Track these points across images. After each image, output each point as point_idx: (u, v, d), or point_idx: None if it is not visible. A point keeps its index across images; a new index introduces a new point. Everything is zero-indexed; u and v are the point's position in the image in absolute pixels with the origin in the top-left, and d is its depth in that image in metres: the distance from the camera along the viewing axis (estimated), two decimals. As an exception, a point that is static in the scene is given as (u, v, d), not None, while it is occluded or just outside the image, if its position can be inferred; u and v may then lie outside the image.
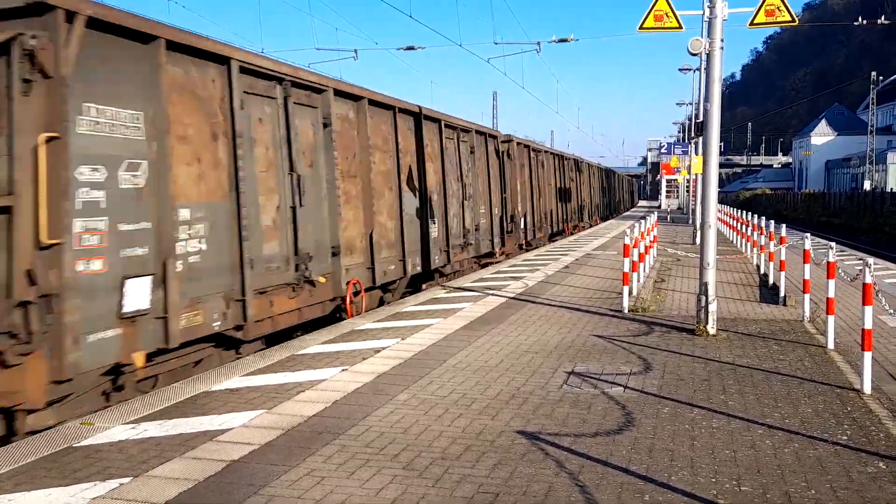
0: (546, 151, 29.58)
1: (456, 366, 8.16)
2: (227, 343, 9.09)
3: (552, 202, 29.66)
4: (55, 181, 6.36)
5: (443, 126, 16.45)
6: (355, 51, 28.17)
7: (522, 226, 23.69)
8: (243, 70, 9.15)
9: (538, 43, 28.08)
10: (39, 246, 6.30)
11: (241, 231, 8.82)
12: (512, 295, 13.46)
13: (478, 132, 19.26)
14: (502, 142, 21.93)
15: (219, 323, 8.42)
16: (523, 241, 24.11)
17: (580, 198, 38.58)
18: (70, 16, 6.51)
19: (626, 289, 11.87)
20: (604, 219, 48.98)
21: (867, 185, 66.57)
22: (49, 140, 6.33)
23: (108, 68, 7.06)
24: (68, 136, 6.49)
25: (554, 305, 12.29)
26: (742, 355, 8.69)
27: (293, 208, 10.17)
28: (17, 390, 6.28)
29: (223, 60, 8.80)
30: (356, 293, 11.87)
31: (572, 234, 33.39)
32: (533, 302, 12.66)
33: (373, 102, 12.92)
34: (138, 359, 7.29)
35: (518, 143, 23.65)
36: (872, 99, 71.74)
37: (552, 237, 29.29)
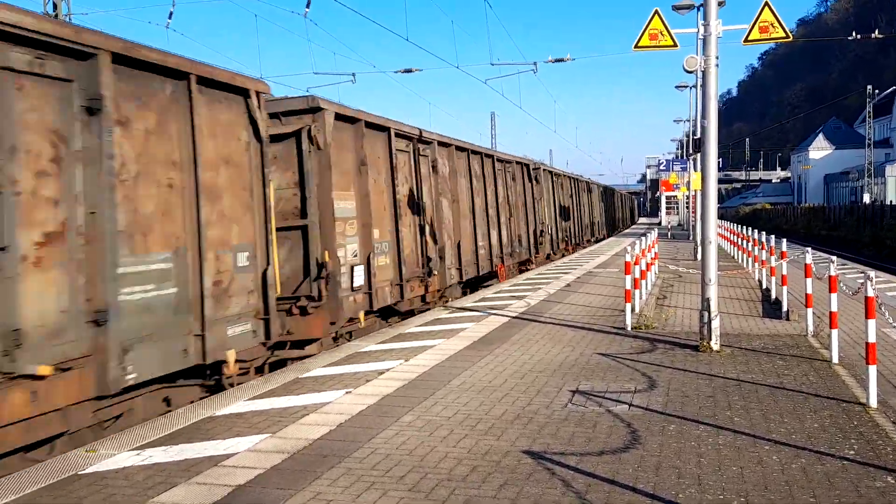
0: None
1: (460, 386, 8.15)
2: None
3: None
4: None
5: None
6: (353, 74, 28.36)
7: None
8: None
9: (535, 63, 28.31)
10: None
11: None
12: (514, 314, 13.45)
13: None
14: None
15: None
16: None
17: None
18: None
19: (628, 306, 11.87)
20: (606, 236, 49.09)
21: (867, 199, 66.65)
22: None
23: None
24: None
25: (557, 324, 12.29)
26: (746, 371, 8.68)
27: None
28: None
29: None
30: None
31: (583, 248, 34.27)
32: (536, 321, 12.65)
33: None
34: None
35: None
36: (869, 112, 72.02)
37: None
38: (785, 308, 12.76)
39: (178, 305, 7.74)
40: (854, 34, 30.43)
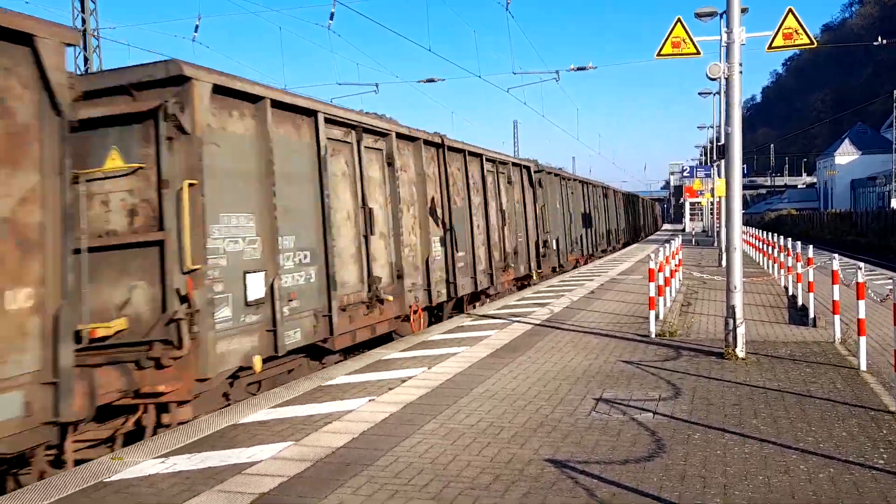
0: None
1: (483, 394, 8.13)
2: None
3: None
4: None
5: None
6: (376, 85, 28.53)
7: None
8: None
9: (557, 72, 28.26)
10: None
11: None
12: (538, 321, 13.40)
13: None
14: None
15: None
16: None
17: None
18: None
19: (652, 313, 11.78)
20: (628, 243, 48.82)
21: (894, 204, 65.79)
22: None
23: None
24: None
25: (580, 331, 12.23)
26: (773, 378, 8.58)
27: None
28: None
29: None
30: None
31: (599, 258, 33.50)
32: (559, 328, 12.60)
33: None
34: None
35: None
36: (895, 117, 71.13)
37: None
38: (812, 315, 12.61)
39: None
40: (880, 39, 30.09)
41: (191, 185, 7.69)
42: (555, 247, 24.91)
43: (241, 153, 8.72)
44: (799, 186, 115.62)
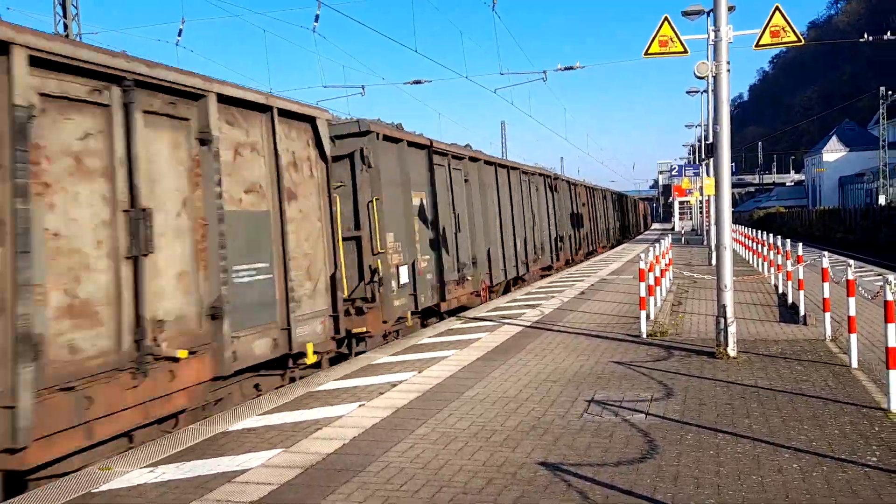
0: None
1: (474, 397, 8.08)
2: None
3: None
4: None
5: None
6: (363, 87, 28.52)
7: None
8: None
9: (544, 72, 28.26)
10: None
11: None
12: (528, 323, 13.37)
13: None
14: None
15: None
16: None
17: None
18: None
19: (643, 313, 11.77)
20: (618, 243, 48.94)
21: (882, 200, 66.13)
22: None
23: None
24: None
25: (571, 332, 12.20)
26: (764, 377, 8.57)
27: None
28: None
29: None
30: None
31: (592, 257, 34.31)
32: (550, 329, 12.57)
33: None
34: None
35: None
36: (882, 114, 71.52)
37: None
38: (802, 312, 12.62)
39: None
40: (866, 36, 30.21)
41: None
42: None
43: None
44: (787, 184, 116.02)
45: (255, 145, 9.03)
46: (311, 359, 9.62)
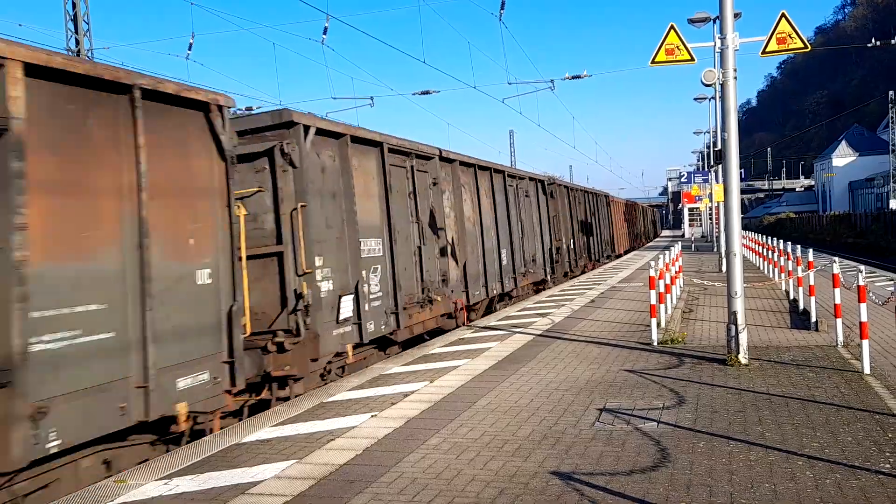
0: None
1: (486, 407, 8.10)
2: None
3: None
4: None
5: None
6: (371, 98, 28.60)
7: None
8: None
9: (552, 81, 28.37)
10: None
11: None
12: (539, 332, 13.38)
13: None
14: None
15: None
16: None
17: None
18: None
19: (653, 321, 11.76)
20: (628, 251, 48.85)
21: (893, 205, 65.84)
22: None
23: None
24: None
25: (582, 341, 12.20)
26: (776, 384, 8.55)
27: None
28: None
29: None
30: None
31: (603, 265, 33.83)
32: (561, 338, 12.57)
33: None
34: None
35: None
36: (891, 118, 71.31)
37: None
38: (814, 319, 12.59)
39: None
40: (873, 41, 30.17)
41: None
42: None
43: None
44: (797, 189, 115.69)
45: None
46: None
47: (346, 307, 10.76)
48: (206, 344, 7.78)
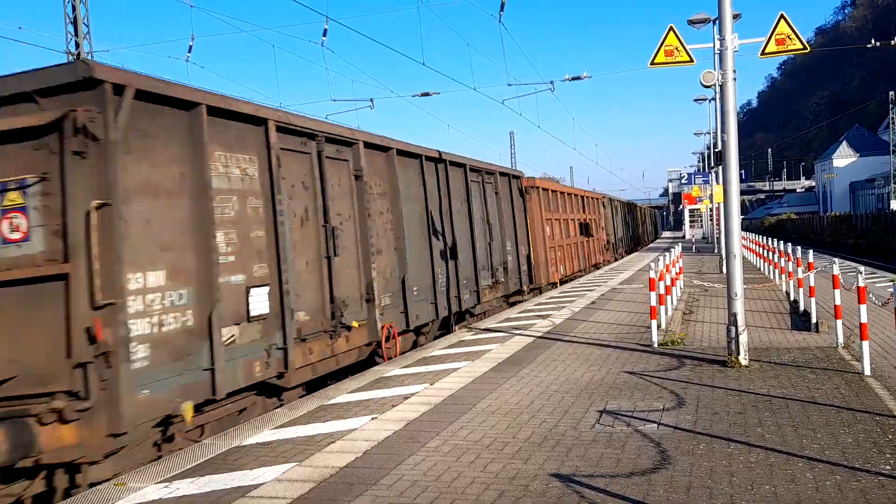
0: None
1: (486, 409, 8.10)
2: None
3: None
4: None
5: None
6: (371, 100, 28.59)
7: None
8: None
9: (551, 82, 28.40)
10: None
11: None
12: (539, 334, 13.37)
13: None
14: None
15: None
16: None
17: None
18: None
19: (653, 322, 11.76)
20: (628, 252, 48.79)
21: (894, 205, 65.81)
22: None
23: None
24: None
25: (582, 343, 12.20)
26: (776, 386, 8.55)
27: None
28: None
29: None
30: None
31: (599, 268, 33.28)
32: (561, 340, 12.57)
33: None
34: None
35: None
36: (892, 118, 71.32)
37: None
38: (814, 320, 12.58)
39: None
40: (873, 41, 30.18)
41: None
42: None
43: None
44: (798, 190, 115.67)
45: None
46: None
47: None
48: None
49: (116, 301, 6.74)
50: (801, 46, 9.95)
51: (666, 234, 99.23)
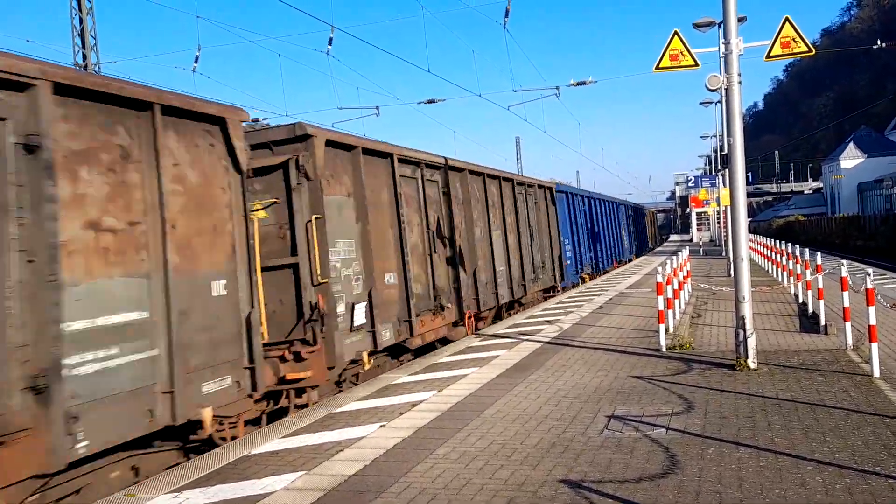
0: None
1: (494, 416, 8.09)
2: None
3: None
4: None
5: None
6: (377, 107, 28.69)
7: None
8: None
9: (557, 87, 28.41)
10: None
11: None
12: (547, 339, 13.36)
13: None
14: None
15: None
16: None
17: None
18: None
19: (661, 327, 11.74)
20: (636, 255, 48.73)
21: (902, 206, 65.49)
22: None
23: None
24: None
25: (590, 348, 12.18)
26: (785, 389, 8.52)
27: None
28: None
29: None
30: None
31: (606, 273, 33.52)
32: (569, 345, 12.56)
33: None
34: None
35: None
36: (900, 119, 70.97)
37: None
38: (822, 322, 12.54)
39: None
40: (879, 42, 30.10)
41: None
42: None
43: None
44: (805, 192, 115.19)
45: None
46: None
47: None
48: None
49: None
50: (807, 49, 9.94)
51: (673, 237, 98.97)
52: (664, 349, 11.44)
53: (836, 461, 5.96)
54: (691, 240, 69.41)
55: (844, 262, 11.63)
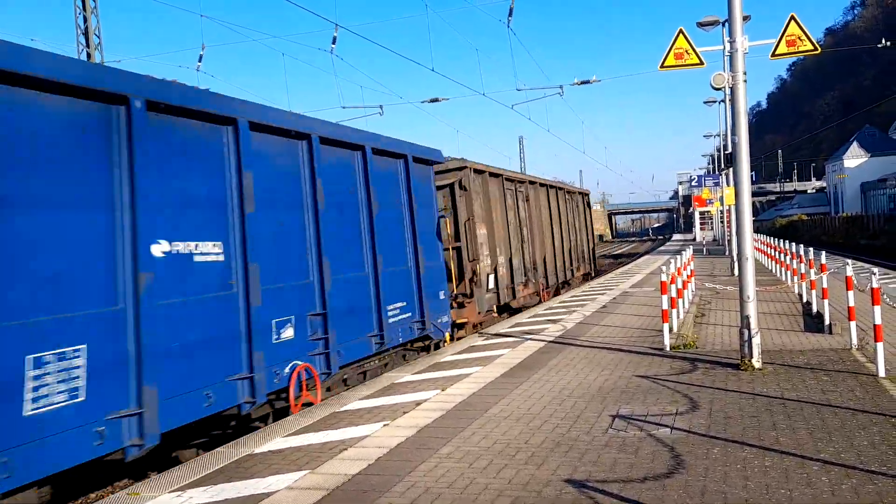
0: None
1: (498, 415, 8.07)
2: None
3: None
4: None
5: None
6: (381, 106, 28.68)
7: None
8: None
9: (560, 86, 28.44)
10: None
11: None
12: (550, 338, 13.34)
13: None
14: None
15: None
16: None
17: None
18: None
19: (665, 326, 11.71)
20: (645, 252, 48.78)
21: (906, 205, 65.35)
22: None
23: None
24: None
25: (594, 347, 12.16)
26: (790, 388, 8.49)
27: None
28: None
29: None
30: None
31: (622, 266, 34.71)
32: (572, 344, 12.53)
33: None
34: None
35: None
36: (903, 118, 70.78)
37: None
38: (827, 322, 12.50)
39: None
40: (883, 41, 30.01)
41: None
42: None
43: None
44: (809, 191, 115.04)
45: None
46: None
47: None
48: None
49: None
50: (812, 47, 9.90)
51: (677, 236, 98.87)
52: (668, 348, 11.42)
53: (842, 461, 5.93)
54: (694, 239, 69.30)
55: (849, 261, 11.58)
